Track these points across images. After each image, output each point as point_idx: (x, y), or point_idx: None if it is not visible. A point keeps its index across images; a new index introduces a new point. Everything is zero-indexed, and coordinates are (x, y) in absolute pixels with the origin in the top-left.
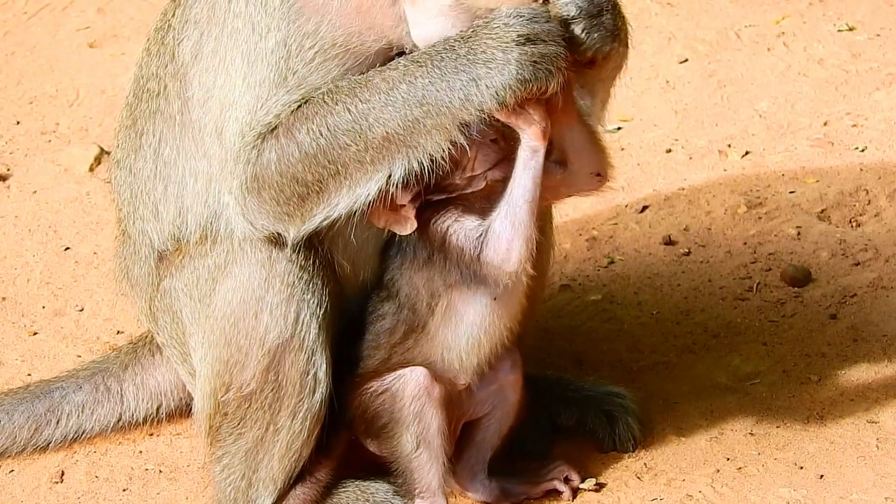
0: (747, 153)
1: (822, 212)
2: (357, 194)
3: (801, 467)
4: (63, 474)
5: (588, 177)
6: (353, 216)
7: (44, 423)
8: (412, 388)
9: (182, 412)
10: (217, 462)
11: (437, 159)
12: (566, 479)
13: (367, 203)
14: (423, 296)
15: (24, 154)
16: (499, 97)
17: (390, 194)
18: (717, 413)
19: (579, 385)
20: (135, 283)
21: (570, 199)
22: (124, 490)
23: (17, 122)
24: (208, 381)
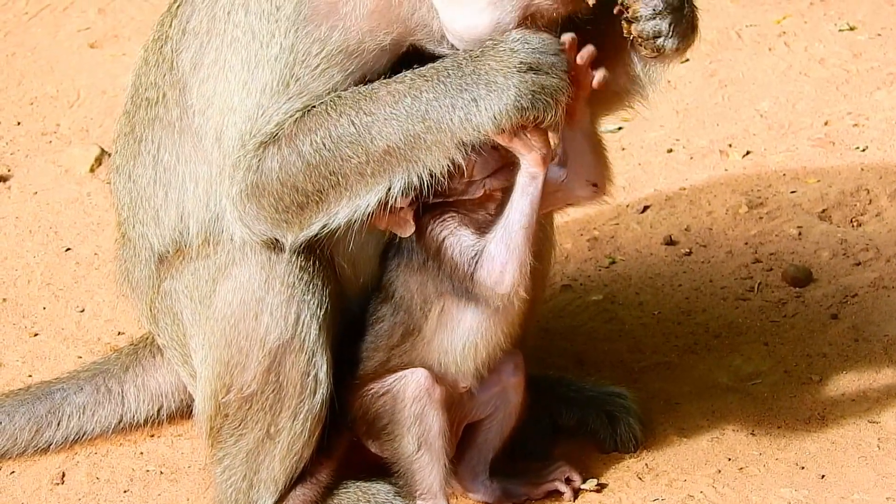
0: (748, 153)
1: (824, 212)
2: (356, 205)
3: (803, 467)
4: (64, 476)
5: (584, 185)
6: (352, 225)
7: (45, 424)
8: (413, 390)
9: (183, 413)
10: (218, 463)
11: (437, 175)
12: (567, 479)
13: (367, 213)
14: (417, 300)
15: (24, 155)
16: (496, 121)
17: (389, 202)
18: (718, 413)
19: (580, 385)
20: (135, 285)
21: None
22: (125, 491)
23: (18, 123)
24: (209, 382)
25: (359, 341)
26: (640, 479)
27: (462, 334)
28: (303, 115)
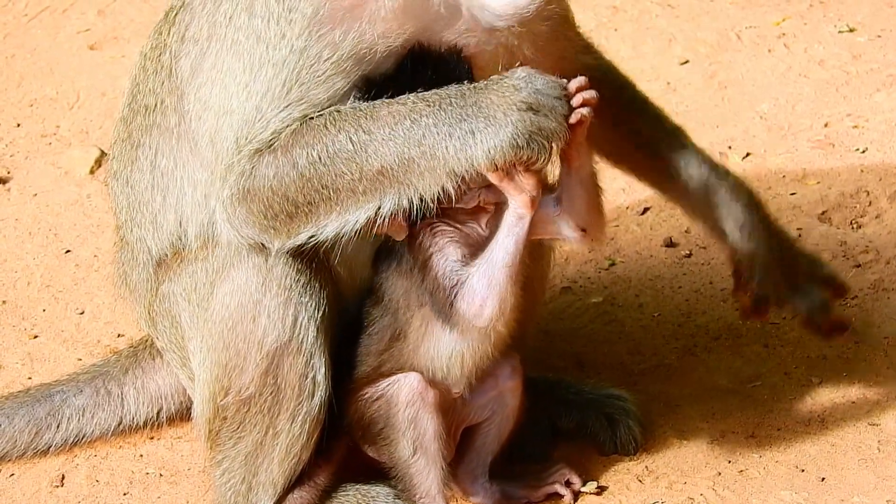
0: (748, 155)
1: (823, 213)
2: (345, 220)
3: (803, 470)
4: (63, 478)
5: (574, 227)
6: (339, 237)
7: (44, 426)
8: (406, 394)
9: (182, 416)
10: (217, 466)
11: (427, 200)
12: (567, 482)
13: (355, 229)
14: (402, 305)
15: (24, 157)
16: (489, 155)
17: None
18: (718, 416)
19: (580, 388)
20: (133, 288)
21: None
22: (125, 494)
23: (18, 125)
24: (207, 385)
25: (354, 344)
26: (640, 481)
27: (448, 343)
28: (301, 126)
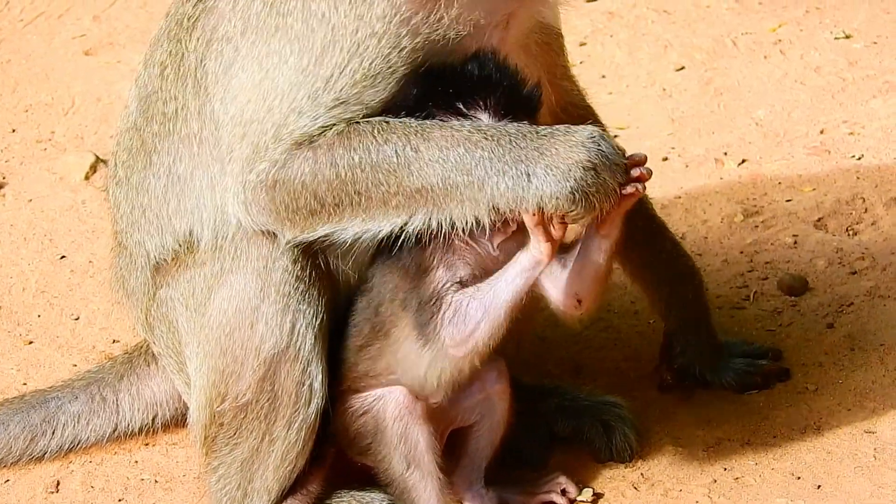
0: (744, 161)
1: (819, 220)
2: (368, 228)
3: (799, 477)
4: (59, 484)
5: (569, 294)
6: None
7: (39, 433)
8: (393, 410)
9: (178, 422)
10: (213, 472)
11: (458, 226)
12: (563, 491)
13: (374, 237)
14: (387, 300)
15: (19, 162)
16: (540, 202)
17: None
18: (714, 423)
19: (576, 394)
20: (131, 293)
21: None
22: (120, 500)
23: (13, 131)
24: (204, 391)
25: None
26: (635, 488)
27: (428, 349)
28: (347, 128)
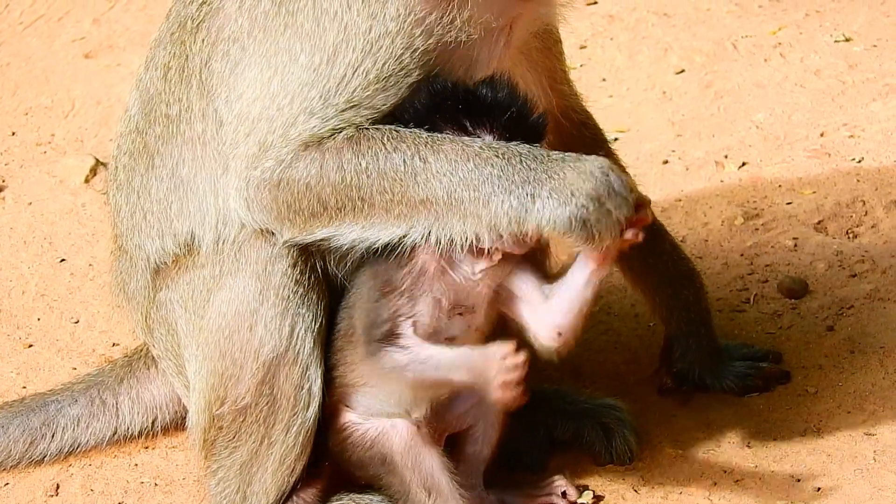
0: (744, 164)
1: (819, 223)
2: (367, 235)
3: (799, 480)
4: (58, 487)
5: (548, 326)
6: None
7: (39, 436)
8: (399, 444)
9: (177, 425)
10: (212, 475)
11: (456, 242)
12: (563, 494)
13: (371, 245)
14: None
15: (19, 165)
16: (541, 225)
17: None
18: (714, 426)
19: (576, 397)
20: (131, 296)
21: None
22: (119, 503)
23: (13, 134)
24: (203, 394)
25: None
26: (635, 491)
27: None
28: (357, 133)
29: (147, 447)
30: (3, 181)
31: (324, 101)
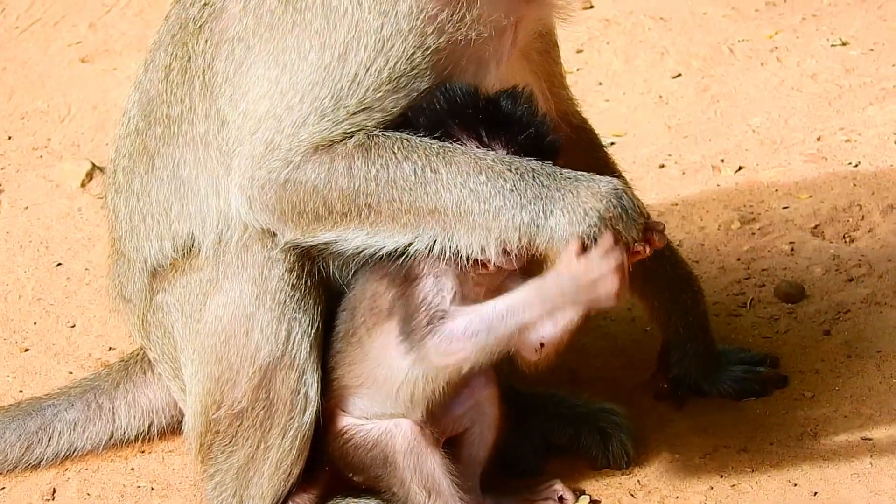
0: (741, 168)
1: (816, 227)
2: (372, 242)
3: (795, 484)
4: (55, 492)
5: (532, 337)
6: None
7: (35, 440)
8: (402, 443)
9: (174, 429)
10: (209, 479)
11: (461, 254)
12: (560, 498)
13: (376, 253)
14: (365, 307)
15: (15, 169)
16: (550, 241)
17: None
18: (710, 430)
19: (573, 402)
20: (128, 299)
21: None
22: None
23: (9, 138)
24: (199, 398)
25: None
26: (632, 495)
27: (402, 363)
28: (367, 140)
29: (143, 451)
30: (0, 186)
31: (335, 101)
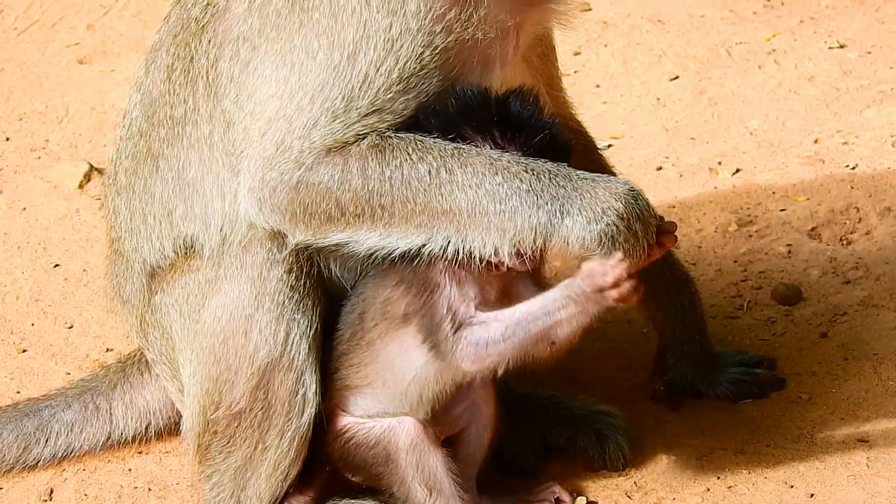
0: (738, 171)
1: (813, 230)
2: (385, 243)
3: (792, 486)
4: (52, 493)
5: (543, 337)
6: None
7: (33, 441)
8: (405, 440)
9: (171, 430)
10: (207, 480)
11: (475, 255)
12: (557, 499)
13: (388, 255)
14: (377, 312)
15: (13, 171)
16: (567, 242)
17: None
18: (707, 432)
19: (570, 404)
20: (126, 299)
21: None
22: None
23: (7, 139)
24: (197, 399)
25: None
26: (629, 497)
27: (413, 366)
28: (381, 141)
29: (141, 452)
30: None
31: (346, 102)
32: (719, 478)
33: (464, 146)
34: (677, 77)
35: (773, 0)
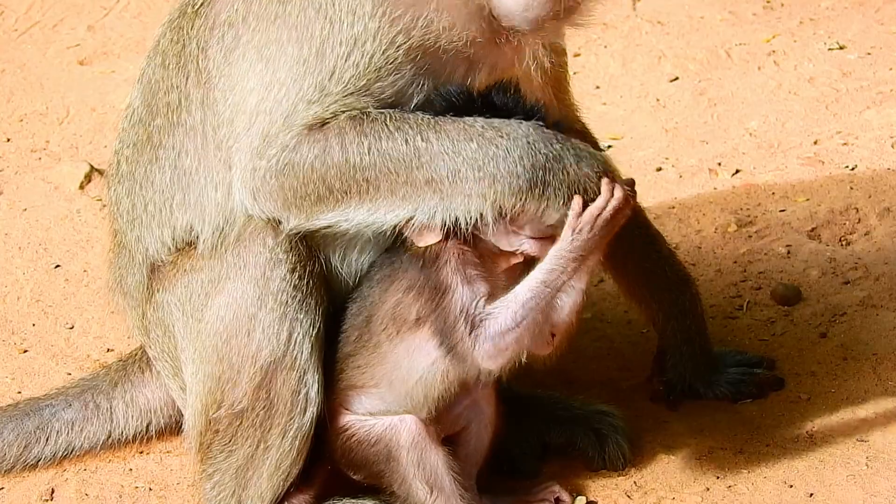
0: (737, 172)
1: (813, 230)
2: (373, 219)
3: (791, 486)
4: (53, 492)
5: (552, 310)
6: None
7: (33, 440)
8: (406, 438)
9: (172, 430)
10: (208, 479)
11: (462, 222)
12: (557, 499)
13: (379, 230)
14: (386, 315)
15: (14, 171)
16: (547, 202)
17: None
18: (706, 431)
19: (569, 404)
20: (128, 292)
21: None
22: None
23: (8, 140)
24: (200, 397)
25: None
26: (628, 497)
27: (422, 363)
28: (360, 115)
29: (142, 452)
30: None
31: (320, 91)
32: (719, 477)
33: (441, 117)
34: (677, 78)
35: (772, 1)
